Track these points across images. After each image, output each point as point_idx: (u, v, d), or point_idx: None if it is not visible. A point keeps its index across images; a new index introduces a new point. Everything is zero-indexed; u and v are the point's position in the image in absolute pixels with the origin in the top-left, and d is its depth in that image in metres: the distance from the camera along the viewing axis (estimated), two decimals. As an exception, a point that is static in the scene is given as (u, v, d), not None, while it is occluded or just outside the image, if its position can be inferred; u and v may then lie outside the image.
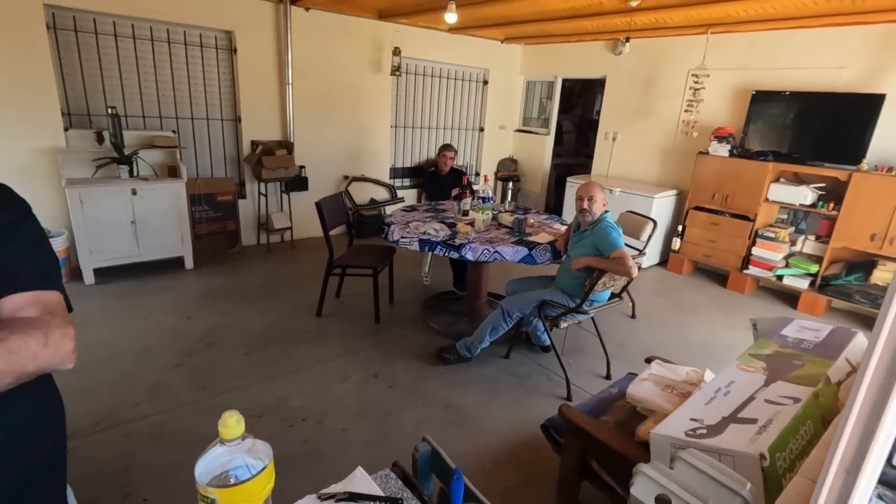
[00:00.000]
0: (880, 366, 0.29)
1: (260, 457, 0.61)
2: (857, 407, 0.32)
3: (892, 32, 3.88)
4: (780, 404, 1.03)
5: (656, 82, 5.44)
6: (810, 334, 1.48)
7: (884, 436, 0.31)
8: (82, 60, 4.01)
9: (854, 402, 0.32)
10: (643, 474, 0.66)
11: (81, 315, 3.46)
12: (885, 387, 0.29)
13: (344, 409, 2.62)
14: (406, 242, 3.00)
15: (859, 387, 0.31)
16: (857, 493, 0.32)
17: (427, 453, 1.00)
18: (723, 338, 3.71)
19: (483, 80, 6.76)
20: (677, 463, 0.68)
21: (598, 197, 2.81)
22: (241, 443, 0.60)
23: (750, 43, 4.66)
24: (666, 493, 0.61)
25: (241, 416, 0.60)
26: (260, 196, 5.05)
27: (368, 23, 5.34)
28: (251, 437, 0.62)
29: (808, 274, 4.26)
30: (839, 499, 0.33)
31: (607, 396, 2.06)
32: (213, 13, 4.42)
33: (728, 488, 0.62)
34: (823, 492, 0.33)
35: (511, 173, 7.12)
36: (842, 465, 0.32)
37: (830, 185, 4.16)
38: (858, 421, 0.31)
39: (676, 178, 5.37)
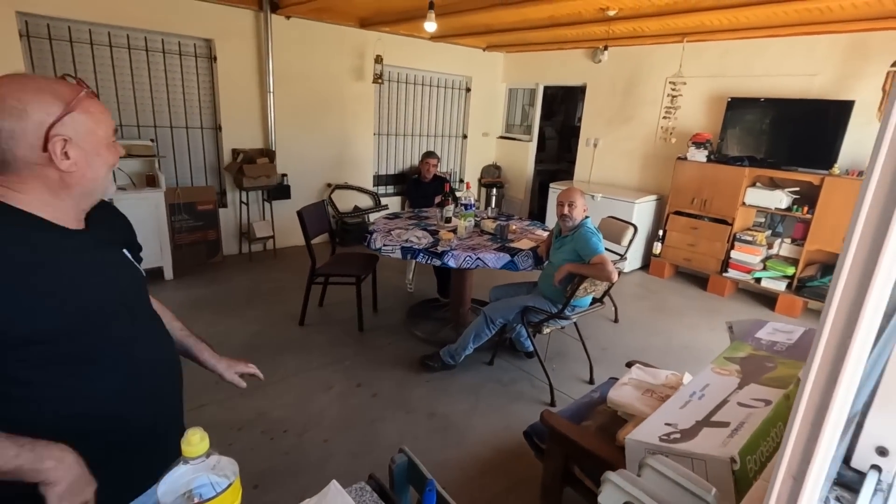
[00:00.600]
0: (821, 373, 0.30)
1: (226, 474, 0.60)
2: (801, 413, 0.32)
3: (858, 41, 4.01)
4: (752, 407, 1.05)
5: (635, 89, 5.53)
6: (783, 336, 1.51)
7: (826, 442, 0.31)
8: (56, 69, 3.94)
9: (797, 410, 0.32)
10: (610, 482, 0.66)
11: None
12: (825, 393, 0.30)
13: (327, 419, 2.59)
14: (388, 250, 3.00)
15: (802, 395, 0.32)
16: (803, 499, 0.33)
17: (404, 464, 1.00)
18: (704, 340, 3.76)
19: (466, 87, 6.80)
20: (644, 470, 0.68)
21: (579, 203, 2.84)
22: (205, 460, 0.58)
23: (724, 51, 4.77)
24: (633, 500, 0.62)
25: (206, 433, 0.59)
26: (241, 205, 5.00)
27: (350, 31, 5.35)
28: (216, 454, 0.61)
29: (784, 276, 4.35)
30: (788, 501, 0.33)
31: (589, 401, 2.06)
32: (192, 21, 4.38)
33: (694, 494, 0.62)
34: (772, 499, 0.34)
35: (494, 180, 7.17)
36: (789, 472, 0.33)
37: (804, 189, 4.26)
38: (802, 428, 0.32)
39: (657, 184, 5.45)
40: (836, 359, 0.31)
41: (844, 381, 0.31)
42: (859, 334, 0.30)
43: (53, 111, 0.81)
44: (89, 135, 0.85)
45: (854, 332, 0.30)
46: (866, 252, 0.30)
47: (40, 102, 0.80)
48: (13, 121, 0.78)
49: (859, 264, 0.30)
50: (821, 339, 0.32)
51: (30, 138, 0.79)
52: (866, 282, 0.30)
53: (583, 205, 2.86)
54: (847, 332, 0.30)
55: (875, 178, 0.30)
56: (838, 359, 0.31)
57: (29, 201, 0.83)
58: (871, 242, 0.29)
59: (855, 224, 0.31)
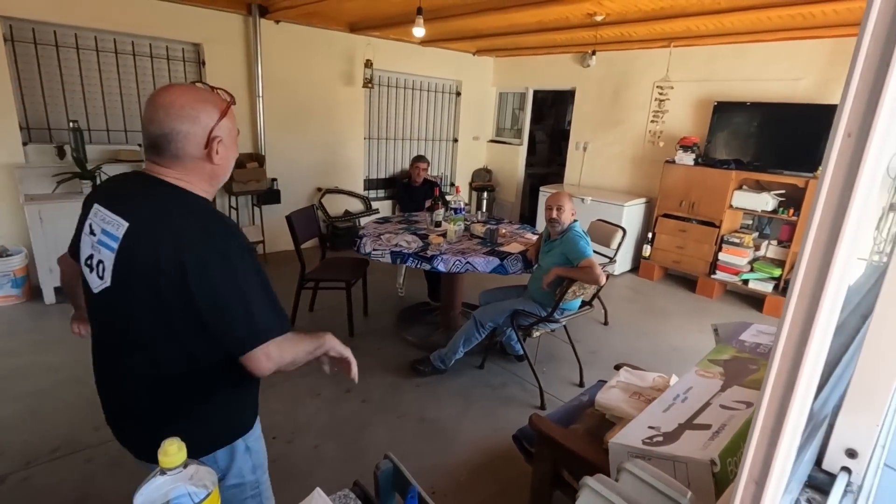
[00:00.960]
0: (778, 380, 0.30)
1: (204, 484, 0.59)
2: (761, 418, 0.33)
3: (841, 47, 4.08)
4: (733, 409, 1.06)
5: (623, 93, 5.58)
6: (766, 338, 1.53)
7: (785, 447, 0.32)
8: (42, 73, 3.90)
9: (758, 415, 0.33)
10: (588, 487, 0.66)
11: (41, 336, 3.33)
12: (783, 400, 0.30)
13: (316, 425, 2.58)
14: (378, 255, 2.99)
15: (761, 400, 0.32)
16: (765, 502, 0.33)
17: (389, 471, 0.99)
18: (693, 342, 3.79)
19: (456, 91, 6.82)
20: (622, 474, 0.69)
21: (566, 206, 2.85)
22: (183, 471, 0.58)
23: (711, 55, 4.83)
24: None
25: (183, 444, 0.58)
26: (231, 210, 4.97)
27: (339, 35, 5.35)
28: (194, 464, 0.60)
29: (771, 278, 4.40)
30: None
31: (578, 405, 2.07)
32: (181, 26, 4.36)
33: (670, 498, 0.63)
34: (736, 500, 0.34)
35: (485, 183, 7.19)
36: (751, 477, 0.34)
37: (790, 192, 4.32)
38: (763, 433, 0.33)
39: (645, 187, 5.50)
40: (793, 365, 0.31)
41: (802, 386, 0.31)
42: (814, 340, 0.31)
43: (214, 117, 1.02)
44: (230, 135, 1.07)
45: (809, 338, 0.31)
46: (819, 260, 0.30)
47: (206, 110, 1.01)
48: (189, 124, 0.99)
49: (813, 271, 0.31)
50: (778, 344, 0.33)
51: (198, 138, 1.00)
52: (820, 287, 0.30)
53: (571, 208, 2.88)
54: (803, 338, 0.31)
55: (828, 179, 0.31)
56: (795, 364, 0.31)
57: (198, 190, 1.05)
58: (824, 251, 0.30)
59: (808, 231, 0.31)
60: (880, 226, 1.77)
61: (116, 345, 1.10)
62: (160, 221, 0.98)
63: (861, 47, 0.31)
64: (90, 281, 1.07)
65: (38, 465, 2.19)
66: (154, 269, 0.95)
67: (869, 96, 0.30)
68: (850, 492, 0.52)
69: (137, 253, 0.98)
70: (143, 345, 1.04)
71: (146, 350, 1.04)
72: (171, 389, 1.07)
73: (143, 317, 1.01)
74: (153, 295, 0.97)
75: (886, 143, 0.31)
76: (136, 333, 1.04)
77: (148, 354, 1.04)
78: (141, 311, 1.01)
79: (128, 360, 1.08)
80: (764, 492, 0.33)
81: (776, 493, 0.33)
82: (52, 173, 3.74)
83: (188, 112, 0.98)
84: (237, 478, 1.19)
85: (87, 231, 1.06)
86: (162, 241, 0.96)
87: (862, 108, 0.30)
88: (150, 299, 0.98)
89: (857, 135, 0.31)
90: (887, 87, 0.29)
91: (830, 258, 0.31)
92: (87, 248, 1.06)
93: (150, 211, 1.00)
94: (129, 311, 1.03)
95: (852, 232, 0.31)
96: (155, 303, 0.98)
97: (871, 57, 0.30)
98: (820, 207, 0.32)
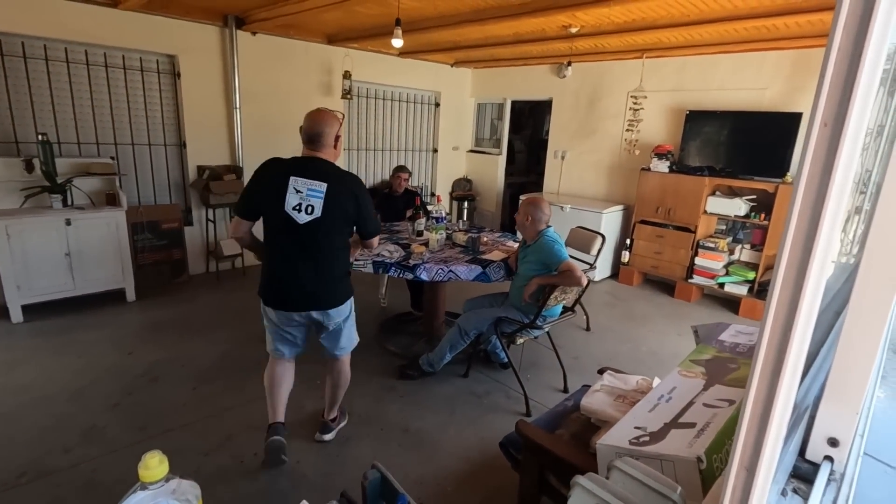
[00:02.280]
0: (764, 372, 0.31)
1: (187, 498, 0.57)
2: (749, 408, 0.34)
3: (803, 57, 4.26)
4: (716, 407, 1.08)
5: (599, 103, 5.70)
6: (744, 338, 1.56)
7: (773, 434, 0.33)
8: (9, 85, 3.79)
9: (746, 405, 0.34)
10: (579, 486, 0.67)
11: (7, 355, 3.20)
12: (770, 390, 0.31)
13: (299, 439, 2.52)
14: (360, 265, 2.97)
15: (749, 392, 0.33)
16: (756, 489, 0.34)
17: (377, 480, 0.98)
18: (672, 345, 3.85)
19: (435, 102, 6.87)
20: (613, 472, 0.69)
21: (534, 215, 2.86)
22: (165, 485, 0.56)
23: (681, 66, 4.98)
24: (602, 503, 0.62)
25: (164, 457, 0.56)
26: (208, 222, 4.88)
27: (317, 47, 5.35)
28: (176, 478, 0.58)
29: (746, 281, 4.52)
30: (742, 495, 0.35)
31: (562, 410, 2.08)
32: (155, 37, 4.30)
33: (661, 494, 0.64)
34: (728, 491, 0.35)
35: (466, 193, 7.23)
36: (741, 464, 0.34)
37: (761, 197, 4.46)
38: (752, 421, 0.33)
39: (623, 194, 5.60)
40: (777, 357, 0.32)
41: (787, 376, 0.32)
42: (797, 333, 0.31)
43: (338, 126, 2.07)
44: (342, 136, 2.10)
45: (792, 331, 0.31)
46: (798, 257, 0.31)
47: (336, 123, 2.07)
48: (330, 127, 2.04)
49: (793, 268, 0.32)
50: (763, 338, 0.33)
51: (332, 136, 2.06)
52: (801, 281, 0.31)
53: (535, 215, 2.86)
54: (786, 331, 0.32)
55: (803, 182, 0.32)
56: (779, 357, 0.32)
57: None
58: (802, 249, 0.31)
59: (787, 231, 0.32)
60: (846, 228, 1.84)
61: (302, 252, 2.06)
62: (340, 181, 2.05)
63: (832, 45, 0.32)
64: (297, 218, 2.00)
65: (3, 491, 2.09)
66: (345, 201, 2.05)
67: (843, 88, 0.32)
68: (833, 480, 0.53)
69: (336, 195, 2.02)
70: (323, 247, 2.07)
71: (322, 250, 2.08)
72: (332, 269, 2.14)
73: (335, 228, 2.06)
74: (342, 214, 2.06)
75: (860, 134, 0.32)
76: (324, 240, 2.06)
77: (324, 251, 2.08)
78: (335, 225, 2.06)
79: (308, 259, 2.07)
80: (755, 478, 0.33)
81: (766, 478, 0.34)
82: (20, 187, 3.62)
83: (330, 119, 2.07)
84: (352, 312, 2.34)
85: (292, 191, 1.99)
86: (346, 188, 2.05)
87: (837, 97, 0.32)
88: (340, 217, 2.06)
89: (832, 125, 0.32)
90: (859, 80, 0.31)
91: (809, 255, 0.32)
92: (295, 200, 2.00)
93: (333, 176, 2.04)
94: (329, 228, 2.04)
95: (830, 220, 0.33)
96: (342, 219, 2.08)
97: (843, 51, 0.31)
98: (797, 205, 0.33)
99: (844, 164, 0.33)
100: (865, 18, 0.31)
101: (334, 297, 2.17)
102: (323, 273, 2.10)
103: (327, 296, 2.15)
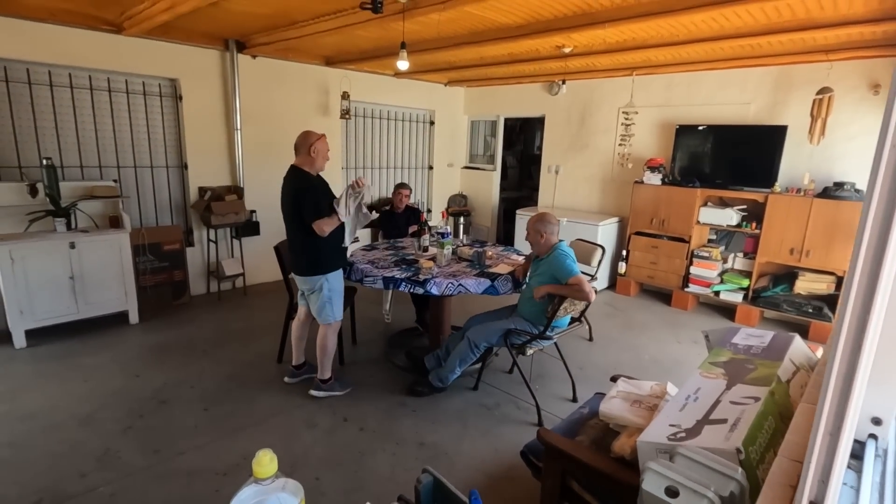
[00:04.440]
0: (845, 351, 0.37)
1: (295, 493, 0.62)
2: (832, 382, 0.40)
3: (785, 73, 4.46)
4: (743, 404, 1.14)
5: (590, 119, 5.87)
6: (756, 340, 1.64)
7: (854, 406, 0.39)
8: (13, 111, 3.81)
9: (829, 379, 0.40)
10: (651, 470, 0.72)
11: (12, 382, 3.16)
12: (850, 366, 0.37)
13: (314, 457, 2.53)
14: (370, 281, 3.02)
15: (832, 365, 0.40)
16: (840, 451, 0.40)
17: (430, 484, 1.02)
18: (672, 353, 3.93)
19: (429, 120, 7.00)
20: (677, 458, 0.75)
21: (544, 230, 2.94)
22: (275, 481, 0.60)
23: (669, 83, 5.17)
24: (674, 484, 0.67)
25: (275, 455, 0.61)
26: (209, 243, 4.89)
27: (316, 69, 5.45)
28: (283, 477, 0.62)
29: (740, 288, 4.64)
30: (827, 455, 0.41)
31: (579, 417, 2.13)
32: (158, 62, 4.37)
33: (723, 474, 0.69)
34: (815, 450, 0.41)
35: (461, 208, 7.32)
36: (826, 430, 0.40)
37: (751, 207, 4.60)
38: (834, 394, 0.40)
39: (617, 206, 5.74)
40: (857, 335, 0.39)
41: (865, 352, 0.38)
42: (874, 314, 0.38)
43: (313, 139, 2.84)
44: (319, 149, 2.84)
45: (870, 312, 0.38)
46: (870, 265, 0.38)
47: (312, 137, 2.85)
48: (304, 140, 2.85)
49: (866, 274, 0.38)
50: (843, 322, 0.40)
51: (306, 146, 2.82)
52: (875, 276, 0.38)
53: (542, 230, 2.93)
54: (865, 312, 0.39)
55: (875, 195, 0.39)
56: (860, 332, 0.38)
57: (307, 168, 2.85)
58: (874, 256, 0.38)
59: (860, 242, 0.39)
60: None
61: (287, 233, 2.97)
62: (287, 181, 2.86)
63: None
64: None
65: (22, 518, 2.07)
66: (286, 194, 2.84)
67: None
68: (878, 456, 0.59)
69: (285, 192, 2.85)
70: (288, 229, 2.95)
71: (288, 232, 2.95)
72: (293, 245, 2.94)
73: (287, 216, 2.87)
74: (287, 204, 2.84)
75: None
76: (287, 224, 2.92)
77: (289, 233, 2.95)
78: (287, 213, 2.86)
79: (288, 238, 3.00)
80: (839, 441, 0.40)
81: (848, 442, 0.40)
82: (25, 212, 3.62)
83: (304, 137, 2.84)
84: (327, 292, 2.93)
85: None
86: (287, 186, 2.84)
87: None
88: (287, 206, 2.84)
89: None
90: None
91: (880, 262, 0.39)
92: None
93: (287, 178, 2.86)
94: (286, 215, 2.88)
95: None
96: (289, 207, 2.83)
97: None
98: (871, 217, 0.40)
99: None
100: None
101: (299, 267, 2.92)
102: (293, 248, 2.96)
103: (295, 264, 2.96)
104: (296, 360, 3.24)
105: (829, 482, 0.40)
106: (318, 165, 2.85)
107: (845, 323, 0.40)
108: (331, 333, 3.03)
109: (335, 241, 2.90)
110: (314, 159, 2.82)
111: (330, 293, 2.93)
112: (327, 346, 3.04)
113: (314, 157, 2.82)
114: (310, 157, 2.81)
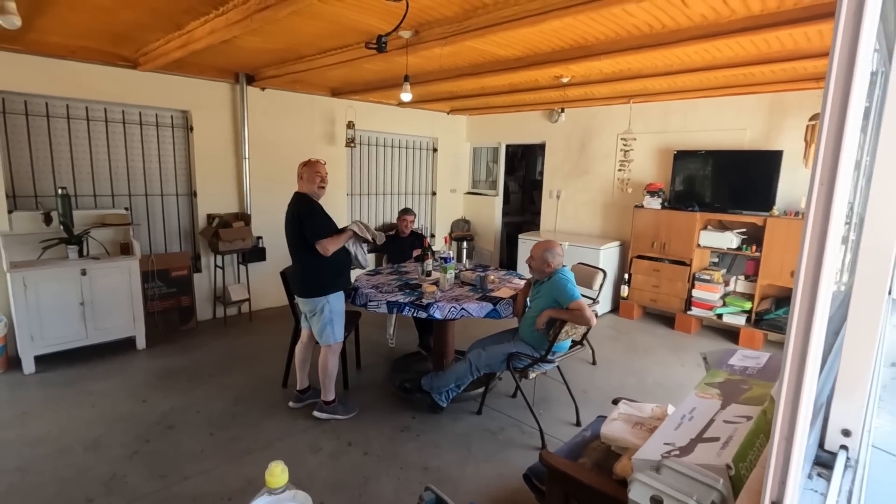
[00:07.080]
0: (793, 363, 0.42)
1: (304, 503, 0.66)
2: (784, 390, 0.45)
3: (778, 100, 4.58)
4: (736, 423, 1.18)
5: (590, 145, 6.00)
6: (752, 362, 1.67)
7: (804, 410, 0.44)
8: (31, 143, 3.96)
9: (781, 389, 0.45)
10: (638, 481, 0.76)
11: (21, 407, 3.20)
12: (798, 378, 0.43)
13: (319, 481, 2.54)
14: (374, 305, 3.07)
15: (783, 378, 0.45)
16: (794, 453, 0.45)
17: (432, 501, 1.06)
18: (676, 376, 3.93)
19: (433, 147, 7.16)
20: (663, 470, 0.78)
21: (550, 259, 3.00)
22: (286, 492, 0.65)
23: (665, 110, 5.30)
24: (658, 493, 0.71)
25: (286, 466, 0.66)
26: (216, 269, 4.98)
27: (322, 99, 5.63)
28: (294, 488, 0.67)
29: (743, 311, 4.65)
30: (784, 457, 0.45)
31: (581, 440, 2.14)
32: (171, 95, 4.54)
33: (706, 484, 0.73)
34: (773, 454, 0.45)
35: (464, 233, 7.41)
36: (782, 435, 0.45)
37: (751, 230, 4.66)
38: (787, 403, 0.45)
39: (618, 230, 5.80)
40: (802, 351, 0.44)
41: (809, 366, 0.44)
42: (815, 326, 0.43)
43: (300, 167, 3.02)
44: (309, 174, 2.98)
45: (810, 336, 0.44)
46: (809, 288, 0.44)
47: (300, 167, 3.02)
48: (299, 169, 3.03)
49: (806, 299, 0.44)
50: (790, 336, 0.45)
51: (298, 174, 3.03)
52: (812, 305, 0.43)
53: (558, 261, 3.01)
54: (805, 336, 0.44)
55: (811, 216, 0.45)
56: (803, 350, 0.44)
57: (305, 190, 2.99)
58: (812, 279, 0.44)
59: (801, 258, 0.45)
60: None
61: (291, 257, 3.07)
62: (290, 206, 3.00)
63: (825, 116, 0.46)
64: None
65: (30, 543, 2.09)
66: (291, 218, 2.95)
67: (833, 154, 0.45)
68: (849, 466, 0.64)
69: (289, 217, 2.99)
70: (292, 253, 3.03)
71: (293, 256, 3.04)
72: (297, 268, 3.05)
73: (291, 240, 2.99)
74: (291, 229, 2.96)
75: (846, 188, 0.46)
76: (291, 249, 3.02)
77: (293, 257, 3.04)
78: (290, 237, 2.99)
79: (292, 262, 3.09)
80: (793, 446, 0.44)
81: (801, 446, 0.44)
82: (39, 240, 3.73)
83: (301, 168, 3.01)
84: (328, 313, 3.00)
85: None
86: (291, 210, 2.98)
87: (829, 163, 0.45)
88: (290, 231, 2.97)
89: (826, 185, 0.45)
90: (842, 155, 0.44)
91: (818, 280, 0.45)
92: None
93: (290, 204, 3.01)
94: (289, 239, 3.01)
95: (831, 253, 0.46)
96: (292, 232, 2.96)
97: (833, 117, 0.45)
98: (807, 245, 0.46)
99: (837, 210, 0.46)
100: (841, 120, 0.45)
101: (301, 289, 3.04)
102: (295, 270, 3.06)
103: (297, 286, 3.07)
104: (300, 384, 3.28)
105: (786, 483, 0.45)
106: (313, 190, 2.97)
107: (792, 334, 0.46)
108: (331, 355, 3.08)
109: (337, 264, 3.00)
110: (307, 184, 2.96)
111: (331, 315, 3.00)
112: (328, 368, 3.09)
113: (305, 182, 2.96)
114: (303, 181, 2.98)
